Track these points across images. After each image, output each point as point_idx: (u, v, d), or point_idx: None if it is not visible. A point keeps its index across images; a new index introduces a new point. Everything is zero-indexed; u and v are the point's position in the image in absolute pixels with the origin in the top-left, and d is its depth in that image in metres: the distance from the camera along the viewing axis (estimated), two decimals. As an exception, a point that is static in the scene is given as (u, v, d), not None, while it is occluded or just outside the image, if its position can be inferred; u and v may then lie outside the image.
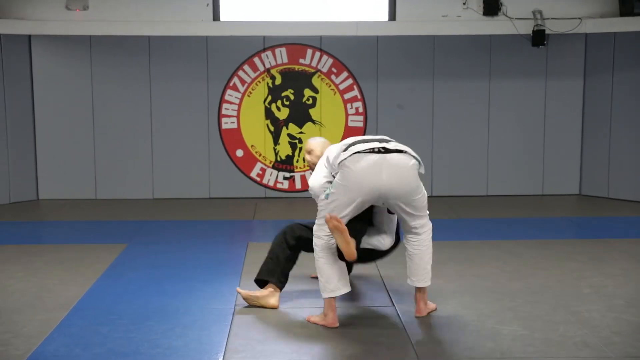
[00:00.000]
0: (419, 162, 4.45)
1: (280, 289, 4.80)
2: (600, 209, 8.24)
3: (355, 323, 4.52)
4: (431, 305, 4.69)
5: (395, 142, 4.52)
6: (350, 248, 4.28)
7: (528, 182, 9.02)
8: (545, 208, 8.32)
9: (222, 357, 3.93)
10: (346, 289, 4.47)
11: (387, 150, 4.36)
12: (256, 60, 8.74)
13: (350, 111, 8.83)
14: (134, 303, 4.84)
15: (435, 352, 4.02)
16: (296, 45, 8.74)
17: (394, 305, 4.80)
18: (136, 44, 8.63)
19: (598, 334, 4.25)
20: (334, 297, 4.44)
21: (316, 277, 4.65)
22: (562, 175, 9.03)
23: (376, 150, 4.35)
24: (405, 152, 4.41)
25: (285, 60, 8.75)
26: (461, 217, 7.78)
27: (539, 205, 8.47)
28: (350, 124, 8.82)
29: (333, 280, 4.43)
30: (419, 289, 4.60)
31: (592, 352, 4.00)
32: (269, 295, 4.75)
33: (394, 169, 4.33)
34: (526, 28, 8.65)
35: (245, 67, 8.74)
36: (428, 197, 4.66)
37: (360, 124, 8.83)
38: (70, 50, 8.61)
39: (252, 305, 4.73)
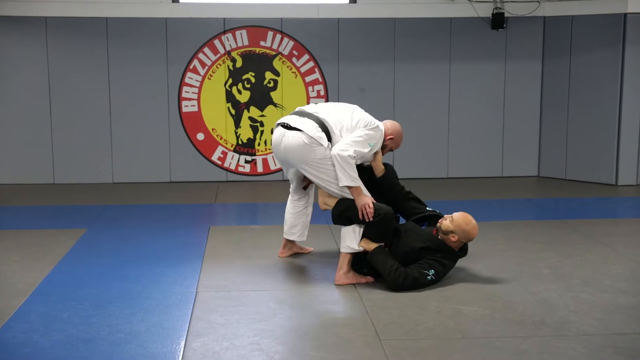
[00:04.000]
0: (319, 141, 4.87)
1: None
2: (559, 191, 8.37)
3: (317, 304, 4.54)
4: (350, 278, 4.89)
5: (314, 116, 4.97)
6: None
7: (488, 164, 9.12)
8: (504, 190, 8.42)
9: (184, 341, 3.92)
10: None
11: (289, 127, 4.96)
12: (216, 42, 8.67)
13: (312, 94, 8.81)
14: (94, 288, 4.79)
15: (397, 332, 4.06)
16: (257, 28, 8.68)
17: (355, 286, 4.83)
18: (94, 26, 8.49)
19: (556, 314, 4.33)
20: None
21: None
22: (521, 157, 9.15)
23: (284, 125, 5.00)
24: (302, 130, 4.90)
25: (246, 42, 8.69)
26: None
27: (498, 187, 8.56)
28: (311, 106, 8.81)
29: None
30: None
31: (550, 331, 4.07)
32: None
33: (289, 144, 4.95)
34: (486, 11, 8.72)
35: (206, 49, 8.66)
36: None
37: (322, 107, 8.82)
38: (26, 32, 8.44)
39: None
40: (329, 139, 4.94)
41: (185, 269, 5.24)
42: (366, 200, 4.82)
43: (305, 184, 5.38)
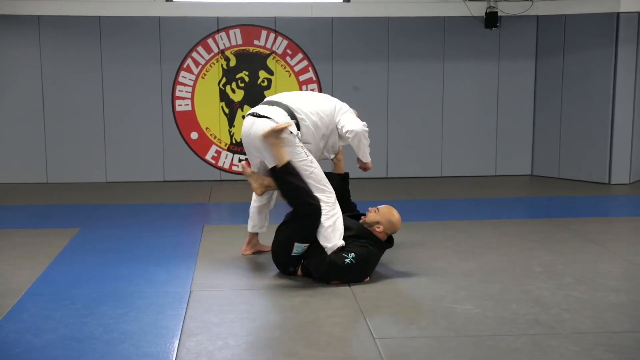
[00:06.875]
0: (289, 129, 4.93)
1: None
2: (552, 189, 8.39)
3: (311, 303, 4.54)
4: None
5: (283, 105, 5.09)
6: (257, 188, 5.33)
7: (481, 163, 9.14)
8: (498, 188, 8.44)
9: (177, 341, 3.91)
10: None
11: (259, 115, 5.04)
12: (210, 41, 8.66)
13: (305, 93, 8.81)
14: (87, 287, 4.78)
15: (390, 331, 4.06)
16: (250, 27, 8.68)
17: (349, 285, 4.83)
18: (87, 25, 8.47)
19: (548, 312, 4.34)
20: None
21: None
22: (515, 156, 9.16)
23: (254, 114, 5.08)
24: (271, 118, 4.97)
25: (240, 41, 8.69)
26: (415, 198, 7.84)
27: (492, 186, 8.57)
28: (305, 105, 8.80)
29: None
30: None
31: (543, 329, 4.08)
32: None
33: (257, 131, 4.99)
34: (479, 10, 8.73)
35: (199, 48, 8.65)
36: (383, 178, 4.73)
37: (316, 106, 8.82)
38: (19, 31, 8.41)
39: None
40: (297, 127, 5.03)
41: (179, 268, 5.23)
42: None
43: None
